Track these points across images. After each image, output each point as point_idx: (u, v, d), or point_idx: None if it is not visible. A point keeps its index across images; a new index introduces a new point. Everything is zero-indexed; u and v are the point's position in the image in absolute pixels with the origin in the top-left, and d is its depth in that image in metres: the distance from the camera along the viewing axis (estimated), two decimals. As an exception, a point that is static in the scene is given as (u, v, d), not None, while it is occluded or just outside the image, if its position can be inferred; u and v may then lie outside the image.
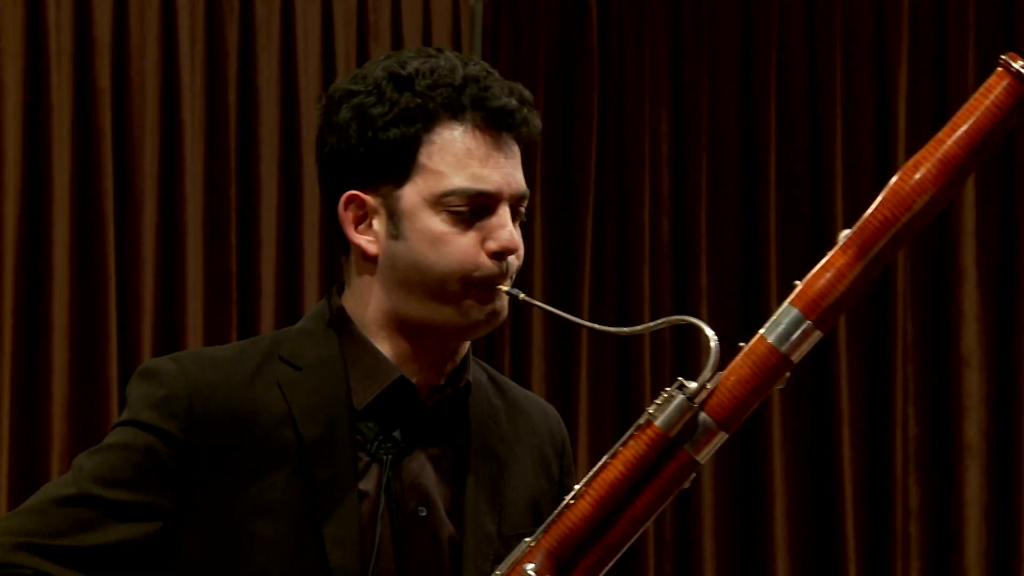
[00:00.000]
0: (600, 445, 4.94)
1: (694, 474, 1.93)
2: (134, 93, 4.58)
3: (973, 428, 4.95)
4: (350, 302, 2.05)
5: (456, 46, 4.95)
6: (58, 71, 4.49)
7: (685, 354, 4.99)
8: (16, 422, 4.41)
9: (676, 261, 5.04)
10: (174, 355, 2.04)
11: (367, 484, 1.99)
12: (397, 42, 4.89)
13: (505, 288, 1.99)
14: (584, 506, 1.90)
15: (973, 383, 4.96)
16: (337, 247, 2.09)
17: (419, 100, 1.98)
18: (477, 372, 2.12)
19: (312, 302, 4.71)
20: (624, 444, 1.90)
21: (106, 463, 1.99)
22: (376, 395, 2.00)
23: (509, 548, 1.98)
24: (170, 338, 4.59)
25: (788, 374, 1.93)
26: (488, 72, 2.01)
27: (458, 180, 1.97)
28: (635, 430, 1.90)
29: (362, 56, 4.85)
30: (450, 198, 1.97)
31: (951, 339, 4.98)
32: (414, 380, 2.02)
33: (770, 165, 5.02)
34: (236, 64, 4.71)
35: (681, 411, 1.90)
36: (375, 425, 2.01)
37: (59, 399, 4.44)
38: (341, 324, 2.04)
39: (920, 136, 5.02)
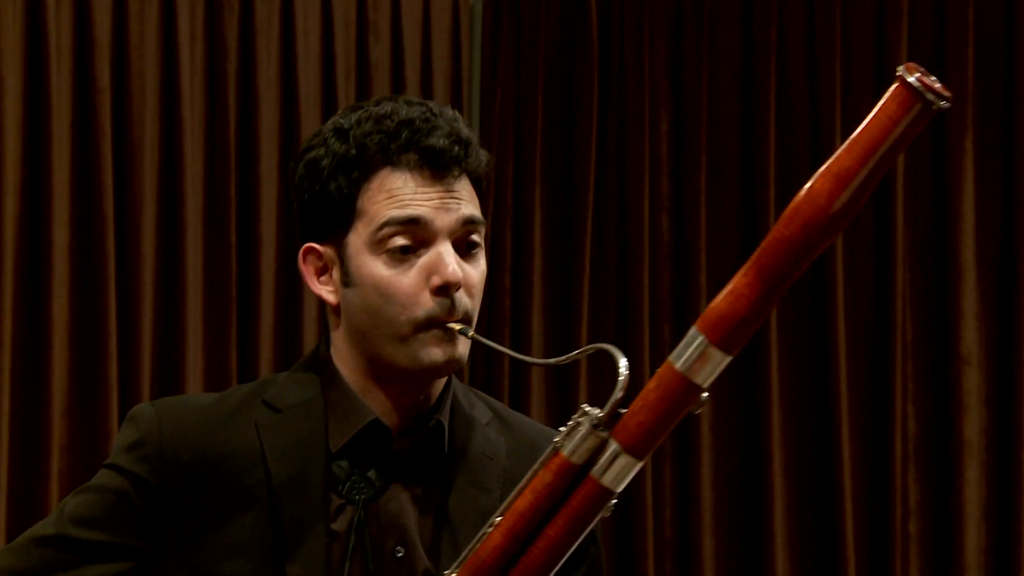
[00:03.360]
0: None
1: (614, 501, 1.88)
2: (134, 92, 4.58)
3: (973, 426, 4.95)
4: (332, 349, 2.08)
5: (456, 45, 4.95)
6: (58, 70, 4.49)
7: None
8: (16, 421, 4.42)
9: (676, 260, 5.04)
10: (158, 400, 2.10)
11: (339, 524, 2.01)
12: (397, 41, 4.89)
13: (457, 327, 1.98)
14: (495, 536, 1.87)
15: (973, 381, 4.96)
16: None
17: (355, 149, 2.01)
18: (479, 410, 2.13)
19: (312, 300, 4.71)
20: (534, 474, 1.87)
21: (84, 504, 2.05)
22: (350, 437, 2.03)
23: None
24: (169, 338, 4.59)
25: (704, 396, 1.85)
26: (433, 114, 2.03)
27: (389, 212, 1.99)
28: (544, 459, 1.87)
29: (362, 56, 4.85)
30: (384, 230, 1.99)
31: (951, 337, 4.98)
32: (390, 422, 2.04)
33: (770, 164, 5.02)
34: (236, 63, 4.71)
35: (586, 438, 1.84)
36: (348, 465, 2.02)
37: (59, 398, 4.44)
38: (324, 369, 2.07)
39: (919, 135, 5.02)
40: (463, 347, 2.01)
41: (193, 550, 1.99)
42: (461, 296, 2.00)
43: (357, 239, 2.01)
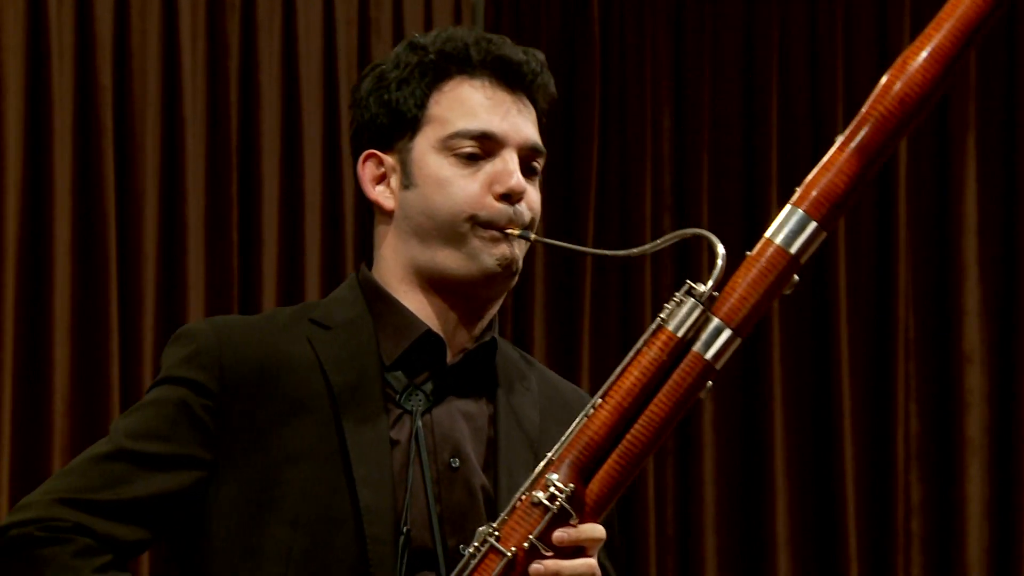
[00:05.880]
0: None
1: (710, 382, 1.93)
2: (136, 90, 4.58)
3: (975, 424, 4.95)
4: (377, 268, 2.11)
5: (457, 43, 4.95)
6: (60, 68, 4.49)
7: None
8: (17, 418, 4.41)
9: (677, 257, 5.04)
10: (209, 318, 2.13)
11: (399, 433, 2.03)
12: (399, 39, 4.82)
13: (517, 232, 2.04)
14: (603, 414, 1.92)
15: (974, 379, 4.96)
16: (367, 222, 2.16)
17: (431, 57, 2.07)
18: (507, 348, 2.17)
19: (314, 297, 4.71)
20: (638, 351, 1.93)
21: (140, 419, 2.03)
22: (404, 349, 2.05)
23: None
24: (171, 335, 4.57)
25: (796, 278, 1.92)
26: (505, 40, 2.10)
27: (463, 123, 2.05)
28: (648, 336, 1.93)
29: (363, 53, 4.85)
30: (455, 140, 2.05)
31: (952, 335, 4.98)
32: (441, 335, 2.07)
33: (772, 162, 5.02)
34: (237, 61, 4.71)
35: (691, 313, 1.92)
36: (404, 377, 2.05)
37: (60, 395, 4.43)
38: (368, 288, 2.10)
39: (921, 133, 5.03)
40: (517, 251, 2.06)
41: (254, 459, 1.99)
42: (522, 207, 2.06)
43: (424, 142, 2.06)
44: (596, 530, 1.93)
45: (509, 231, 2.04)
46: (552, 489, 1.90)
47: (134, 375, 4.51)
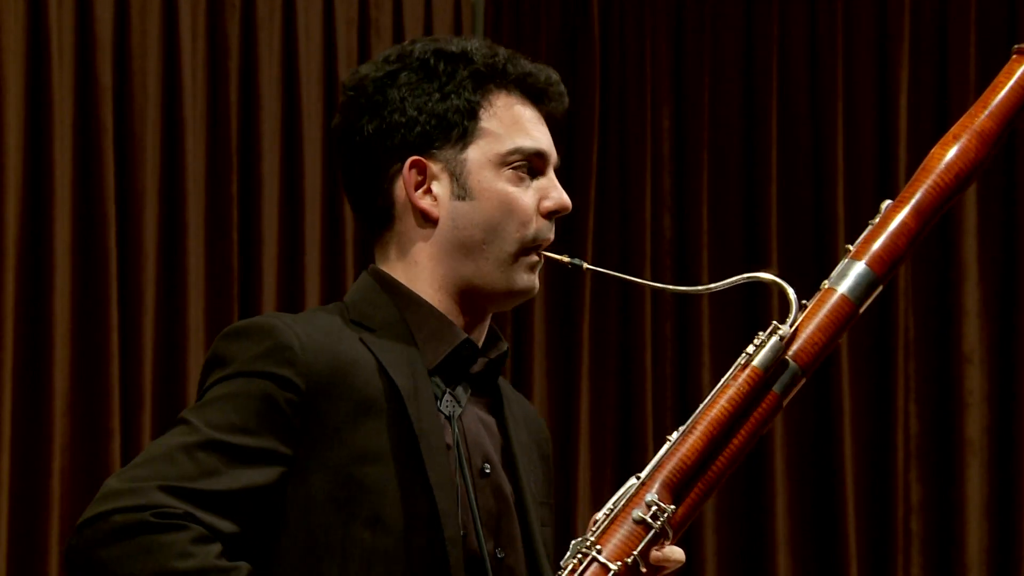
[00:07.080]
0: (601, 442, 4.94)
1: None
2: (136, 90, 4.58)
3: (974, 424, 4.95)
4: (405, 272, 2.12)
5: (457, 43, 4.95)
6: (60, 68, 4.49)
7: (687, 353, 4.99)
8: (17, 419, 4.41)
9: (678, 258, 5.04)
10: (266, 314, 2.13)
11: (447, 438, 2.06)
12: (399, 39, 4.89)
13: (567, 259, 2.13)
14: (697, 442, 1.99)
15: (974, 379, 4.96)
16: (374, 225, 2.14)
17: (478, 68, 2.11)
18: None
19: (314, 298, 4.71)
20: (725, 385, 2.01)
21: (223, 411, 1.98)
22: (445, 355, 2.08)
23: (541, 514, 2.10)
24: (171, 336, 4.59)
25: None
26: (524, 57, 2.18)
27: (519, 140, 2.11)
28: (735, 371, 2.01)
29: (363, 53, 4.85)
30: (513, 156, 2.10)
31: (952, 335, 4.98)
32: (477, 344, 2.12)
33: (771, 162, 5.02)
34: (237, 61, 4.71)
35: (776, 353, 2.00)
36: (442, 383, 2.08)
37: (60, 397, 4.43)
38: (394, 290, 2.11)
39: (921, 133, 5.02)
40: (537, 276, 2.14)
41: (330, 457, 1.99)
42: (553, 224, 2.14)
43: (479, 155, 2.10)
44: (680, 553, 2.01)
45: (571, 260, 2.14)
46: (654, 508, 1.97)
47: (134, 375, 4.51)
